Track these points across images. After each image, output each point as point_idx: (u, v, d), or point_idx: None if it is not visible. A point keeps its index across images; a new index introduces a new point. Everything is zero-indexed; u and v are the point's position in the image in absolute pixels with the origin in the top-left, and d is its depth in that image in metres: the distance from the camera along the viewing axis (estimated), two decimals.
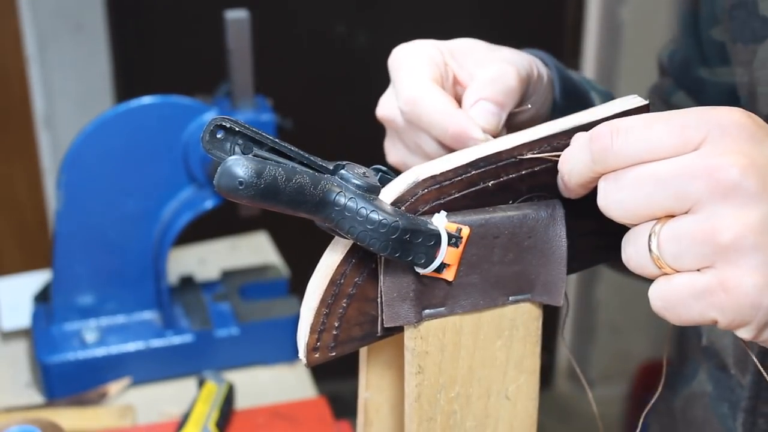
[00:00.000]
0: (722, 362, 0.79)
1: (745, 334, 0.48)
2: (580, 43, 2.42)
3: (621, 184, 0.49)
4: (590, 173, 0.51)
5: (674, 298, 0.49)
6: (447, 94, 0.64)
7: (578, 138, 0.52)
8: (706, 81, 0.84)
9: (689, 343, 0.88)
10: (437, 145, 0.65)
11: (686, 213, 0.48)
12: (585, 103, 0.77)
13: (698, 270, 0.48)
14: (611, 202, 0.50)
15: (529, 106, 0.68)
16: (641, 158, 0.49)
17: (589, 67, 2.40)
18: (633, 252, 0.50)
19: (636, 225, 0.50)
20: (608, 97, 0.81)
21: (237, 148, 0.50)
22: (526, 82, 0.67)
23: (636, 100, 0.58)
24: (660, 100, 0.90)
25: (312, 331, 0.53)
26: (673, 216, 0.48)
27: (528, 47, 0.74)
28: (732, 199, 0.46)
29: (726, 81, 0.81)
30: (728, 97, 0.80)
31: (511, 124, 0.68)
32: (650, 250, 0.49)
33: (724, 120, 0.48)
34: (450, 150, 0.63)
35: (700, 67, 0.84)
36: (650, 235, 0.49)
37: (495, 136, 0.63)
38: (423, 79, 0.64)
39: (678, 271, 0.48)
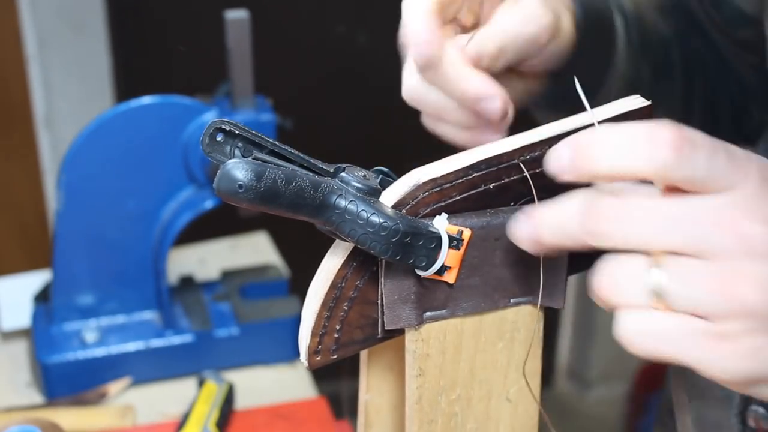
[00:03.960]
0: None
1: (733, 386, 0.47)
2: None
3: (630, 206, 0.45)
4: (637, 170, 0.45)
5: (664, 336, 0.45)
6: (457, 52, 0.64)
7: (628, 129, 0.45)
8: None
9: None
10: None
11: (695, 254, 0.45)
12: (607, 34, 0.78)
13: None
14: (614, 221, 0.45)
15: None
16: (694, 183, 0.44)
17: None
18: (618, 281, 0.46)
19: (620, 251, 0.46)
20: (632, 19, 0.81)
21: (237, 151, 0.50)
22: (544, 38, 0.68)
23: (638, 101, 0.58)
24: None
25: (313, 334, 0.53)
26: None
27: None
28: (757, 259, 0.44)
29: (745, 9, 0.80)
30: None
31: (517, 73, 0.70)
32: (648, 284, 0.45)
33: (765, 172, 0.45)
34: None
35: None
36: (650, 269, 0.45)
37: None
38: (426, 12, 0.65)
39: (673, 310, 0.45)
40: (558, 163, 0.46)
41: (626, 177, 0.45)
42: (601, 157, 0.45)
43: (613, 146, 0.45)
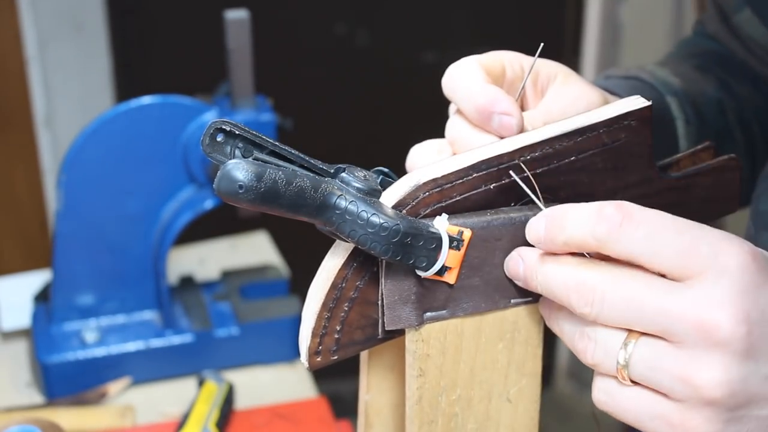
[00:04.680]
0: None
1: None
2: (580, 43, 2.42)
3: (607, 290, 0.49)
4: (587, 242, 0.50)
5: (627, 406, 0.50)
6: (486, 76, 0.62)
7: (586, 207, 0.50)
8: None
9: None
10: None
11: (665, 339, 0.48)
12: (664, 124, 0.77)
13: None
14: (596, 302, 0.50)
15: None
16: (637, 258, 0.49)
17: (589, 68, 2.40)
18: (597, 350, 0.50)
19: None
20: (682, 94, 0.80)
21: (237, 152, 0.50)
22: None
23: (639, 101, 0.58)
24: (720, 17, 0.86)
25: (314, 335, 0.53)
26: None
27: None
28: (719, 352, 0.47)
29: None
30: None
31: None
32: (619, 360, 0.49)
33: (731, 263, 0.47)
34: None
35: None
36: (624, 347, 0.49)
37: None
38: (471, 62, 0.63)
39: (639, 385, 0.49)
40: (535, 234, 0.52)
41: (583, 248, 0.50)
42: (564, 230, 0.50)
43: (570, 222, 0.50)
